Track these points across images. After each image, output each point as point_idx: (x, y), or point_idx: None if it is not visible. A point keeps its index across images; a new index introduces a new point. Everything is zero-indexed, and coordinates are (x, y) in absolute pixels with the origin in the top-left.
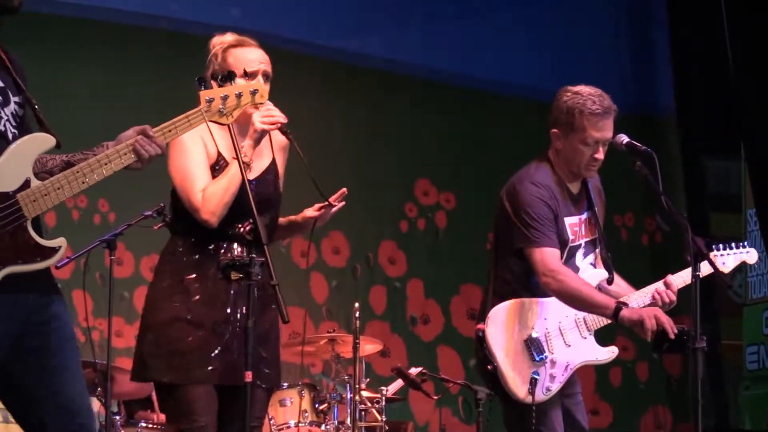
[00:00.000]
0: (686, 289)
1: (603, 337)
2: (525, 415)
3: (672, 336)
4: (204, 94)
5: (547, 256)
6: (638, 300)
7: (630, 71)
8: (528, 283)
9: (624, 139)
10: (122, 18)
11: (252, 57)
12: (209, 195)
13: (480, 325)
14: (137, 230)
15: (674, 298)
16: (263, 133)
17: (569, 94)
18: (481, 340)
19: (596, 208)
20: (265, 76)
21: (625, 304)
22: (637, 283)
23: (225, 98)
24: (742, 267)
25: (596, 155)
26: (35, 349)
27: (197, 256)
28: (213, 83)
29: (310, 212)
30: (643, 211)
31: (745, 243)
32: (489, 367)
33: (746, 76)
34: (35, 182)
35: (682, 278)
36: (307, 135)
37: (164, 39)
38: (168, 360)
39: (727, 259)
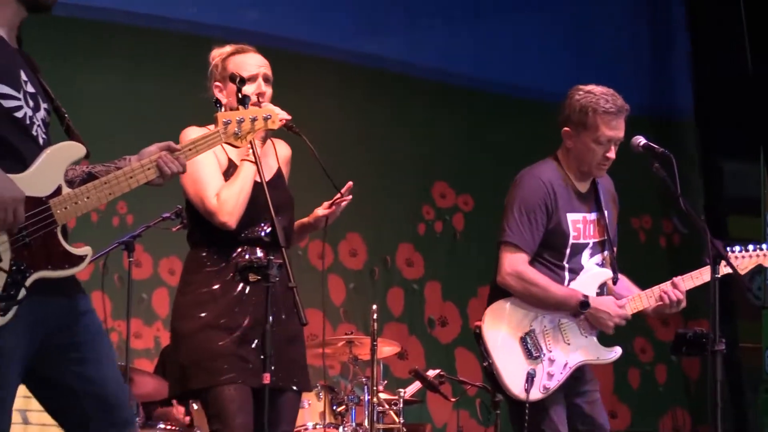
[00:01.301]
0: (705, 292)
1: (620, 337)
2: (522, 413)
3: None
4: (221, 117)
5: (516, 257)
6: (645, 300)
7: (648, 73)
8: None
9: (642, 141)
10: (137, 20)
11: (251, 62)
12: (225, 197)
13: (477, 323)
14: (155, 232)
15: (681, 297)
16: (267, 131)
17: (581, 92)
18: (478, 337)
19: (606, 212)
20: (265, 78)
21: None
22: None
23: (241, 122)
24: (762, 270)
25: (608, 154)
26: (67, 346)
27: (221, 265)
28: (215, 86)
29: (321, 211)
30: (661, 213)
31: (763, 245)
32: (485, 363)
33: (766, 79)
34: (66, 190)
35: (691, 279)
36: (324, 137)
37: (179, 41)
38: (200, 366)
39: (743, 262)
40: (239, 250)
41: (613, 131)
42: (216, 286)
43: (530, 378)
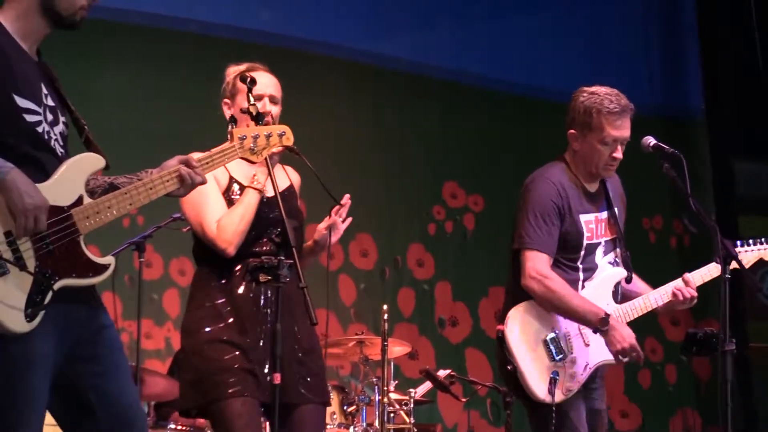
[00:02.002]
0: (715, 292)
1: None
2: (547, 416)
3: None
4: (236, 132)
5: (539, 260)
6: (658, 298)
7: (659, 73)
8: None
9: (652, 141)
10: (150, 21)
11: (260, 81)
12: (224, 224)
13: (500, 326)
14: (166, 233)
15: (694, 294)
16: (272, 157)
17: (586, 94)
18: (501, 341)
19: (616, 209)
20: (272, 99)
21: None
22: None
23: (256, 137)
24: None
25: (614, 154)
26: (89, 358)
27: (224, 281)
28: (224, 103)
29: (323, 225)
30: (672, 213)
31: (764, 239)
32: (509, 367)
33: None
34: (87, 200)
35: (700, 275)
36: (335, 137)
37: (192, 42)
38: (206, 380)
39: (746, 256)
40: (244, 265)
41: (618, 131)
42: (220, 300)
43: (554, 380)
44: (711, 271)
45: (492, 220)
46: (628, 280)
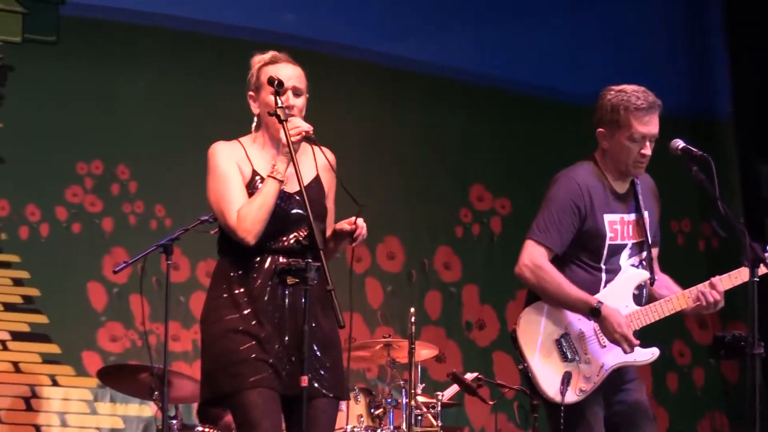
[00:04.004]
0: (743, 295)
1: (658, 340)
2: (556, 416)
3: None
4: None
5: (536, 251)
6: (682, 301)
7: (686, 75)
8: (569, 279)
9: (680, 144)
10: (173, 23)
11: (282, 73)
12: (244, 213)
13: (514, 325)
14: (193, 235)
15: (719, 298)
16: (292, 144)
17: (613, 92)
18: (513, 340)
19: (647, 212)
20: (295, 91)
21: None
22: None
23: None
24: None
25: (643, 151)
26: None
27: (241, 271)
28: (250, 96)
29: (343, 225)
30: (700, 216)
31: None
32: (520, 366)
33: None
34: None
35: (729, 279)
36: (361, 140)
37: (215, 45)
38: (225, 371)
39: None
40: (263, 258)
41: (646, 127)
42: (238, 291)
43: (566, 380)
44: (740, 275)
45: (519, 223)
46: (651, 282)
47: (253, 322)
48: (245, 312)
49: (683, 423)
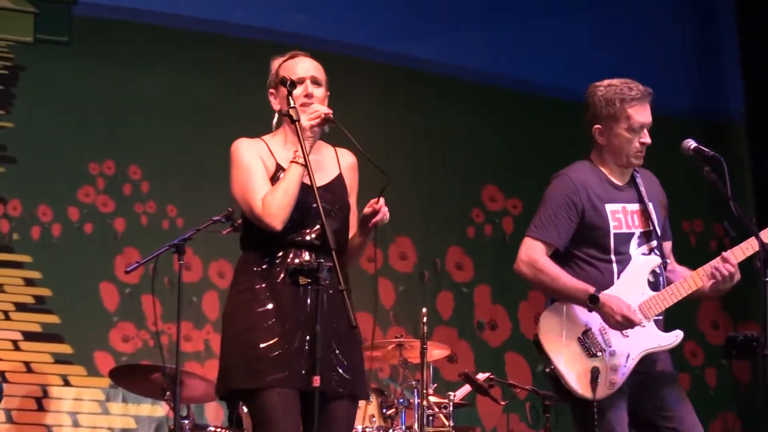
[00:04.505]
0: (755, 295)
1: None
2: (588, 414)
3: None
4: None
5: (533, 247)
6: (697, 279)
7: (698, 76)
8: (578, 278)
9: (692, 144)
10: (185, 23)
11: (300, 65)
12: (269, 200)
13: (536, 331)
14: (205, 235)
15: (733, 270)
16: (313, 129)
17: (602, 87)
18: (537, 345)
19: (650, 204)
20: (314, 80)
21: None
22: None
23: None
24: None
25: (643, 140)
26: None
27: (265, 266)
28: (271, 94)
29: (367, 210)
30: (712, 217)
31: None
32: (547, 369)
33: None
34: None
35: (741, 251)
36: (372, 140)
37: (227, 44)
38: (245, 367)
39: None
40: (288, 251)
41: (643, 116)
42: (260, 286)
43: (595, 375)
44: (751, 245)
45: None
46: (664, 266)
47: (275, 319)
48: (267, 307)
49: None
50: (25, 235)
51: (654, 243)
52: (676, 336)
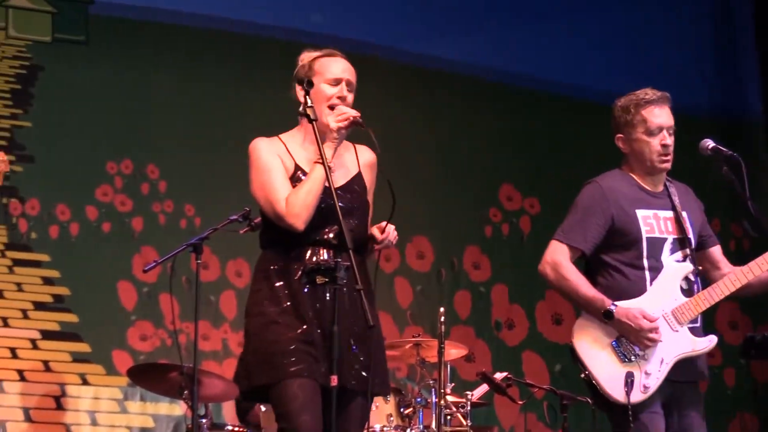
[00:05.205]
0: None
1: None
2: (623, 419)
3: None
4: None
5: (558, 250)
6: (758, 269)
7: (716, 75)
8: (613, 286)
9: (710, 144)
10: (202, 22)
11: (338, 65)
12: (292, 200)
13: (570, 338)
14: (223, 234)
15: None
16: (340, 131)
17: (622, 99)
18: (572, 352)
19: (684, 212)
20: (348, 85)
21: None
22: None
23: None
24: None
25: (664, 142)
26: None
27: (282, 263)
28: (297, 86)
29: (374, 230)
30: (730, 217)
31: None
32: (582, 375)
33: None
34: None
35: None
36: (390, 140)
37: (244, 44)
38: (264, 362)
39: None
40: (306, 250)
41: (659, 118)
42: (279, 284)
43: (629, 381)
44: None
45: (548, 222)
46: (697, 273)
47: (293, 315)
48: (285, 305)
49: (714, 423)
50: (44, 234)
51: (688, 250)
52: (710, 341)
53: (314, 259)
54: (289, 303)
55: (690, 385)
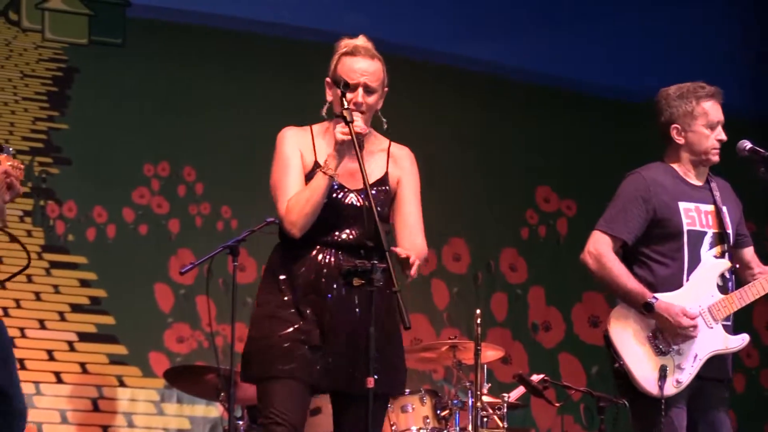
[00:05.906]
0: None
1: None
2: (653, 411)
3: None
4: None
5: (600, 240)
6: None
7: (751, 74)
8: (649, 278)
9: (747, 144)
10: (238, 25)
11: (357, 67)
12: (291, 205)
13: (605, 326)
14: (260, 236)
15: None
16: (343, 143)
17: (673, 89)
18: (607, 341)
19: (724, 207)
20: (366, 88)
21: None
22: None
23: None
24: None
25: (719, 137)
26: None
27: (290, 260)
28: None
29: (399, 251)
30: (765, 219)
31: None
32: (616, 365)
33: None
34: None
35: None
36: (426, 142)
37: (280, 46)
38: (259, 354)
39: None
40: (311, 249)
41: (719, 114)
42: (282, 278)
43: (663, 373)
44: None
45: (585, 225)
46: (732, 270)
47: (292, 310)
48: (284, 299)
49: (750, 425)
50: (80, 237)
51: (726, 246)
52: (742, 339)
53: (327, 258)
54: (288, 297)
55: (715, 383)
